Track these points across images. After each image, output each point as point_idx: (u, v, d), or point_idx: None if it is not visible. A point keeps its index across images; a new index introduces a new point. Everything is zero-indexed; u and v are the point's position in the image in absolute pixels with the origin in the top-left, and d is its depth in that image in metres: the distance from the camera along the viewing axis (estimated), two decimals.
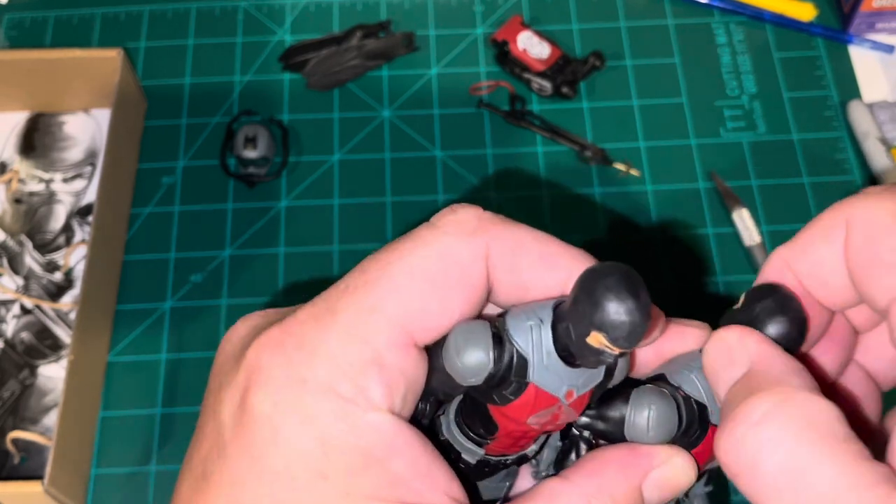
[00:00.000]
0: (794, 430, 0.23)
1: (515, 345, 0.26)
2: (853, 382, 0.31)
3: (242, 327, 0.29)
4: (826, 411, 0.23)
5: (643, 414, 0.28)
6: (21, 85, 0.70)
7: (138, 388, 0.62)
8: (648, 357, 0.30)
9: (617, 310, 0.24)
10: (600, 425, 0.29)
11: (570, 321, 0.25)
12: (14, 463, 0.60)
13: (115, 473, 0.60)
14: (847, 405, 0.30)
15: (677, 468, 0.28)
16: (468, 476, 0.30)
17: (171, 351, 0.63)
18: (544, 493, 0.27)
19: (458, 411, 0.29)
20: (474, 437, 0.29)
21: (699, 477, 0.30)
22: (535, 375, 0.26)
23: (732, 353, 0.26)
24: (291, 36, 0.76)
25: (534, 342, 0.26)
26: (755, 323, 0.27)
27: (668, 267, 0.66)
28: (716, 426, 0.28)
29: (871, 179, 0.68)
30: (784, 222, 0.67)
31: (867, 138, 0.69)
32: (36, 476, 0.56)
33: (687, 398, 0.28)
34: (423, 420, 0.29)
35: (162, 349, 0.63)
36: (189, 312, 0.65)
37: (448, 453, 0.29)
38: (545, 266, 0.27)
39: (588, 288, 0.24)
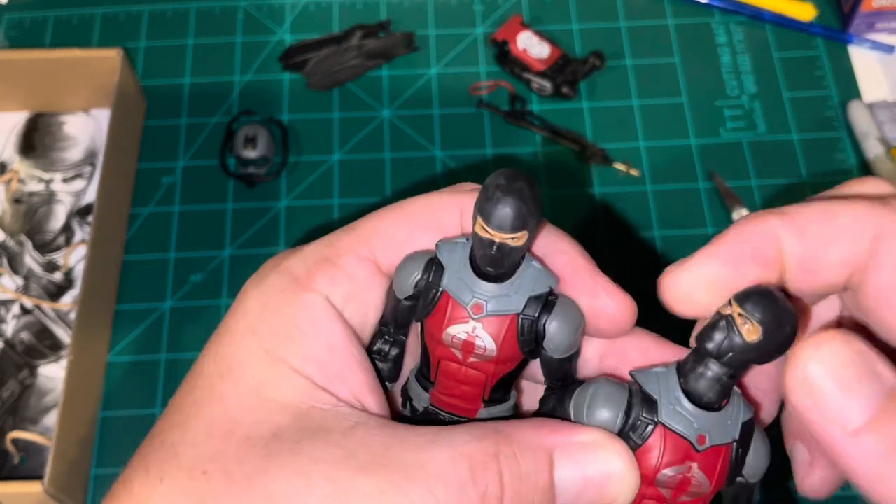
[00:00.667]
0: None
1: (439, 257, 0.29)
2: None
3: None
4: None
5: (585, 393, 0.28)
6: (21, 85, 0.70)
7: (138, 388, 0.62)
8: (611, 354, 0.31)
9: (496, 202, 0.26)
10: (557, 412, 0.29)
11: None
12: (14, 463, 0.60)
13: (114, 474, 0.60)
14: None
15: (607, 454, 0.27)
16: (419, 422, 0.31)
17: (170, 351, 0.63)
18: (461, 425, 0.28)
19: (418, 364, 0.32)
20: (422, 379, 0.31)
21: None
22: (448, 283, 0.29)
23: (869, 364, 0.25)
24: (291, 36, 0.76)
25: (457, 257, 0.29)
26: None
27: (667, 267, 0.66)
28: (665, 425, 0.27)
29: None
30: None
31: (867, 138, 0.69)
32: (36, 476, 0.56)
33: (638, 389, 0.28)
34: (387, 362, 0.32)
35: (162, 349, 0.63)
36: (189, 312, 0.65)
37: (406, 401, 0.32)
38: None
39: (483, 189, 0.27)
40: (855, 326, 0.32)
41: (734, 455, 0.27)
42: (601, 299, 0.30)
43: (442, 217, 0.31)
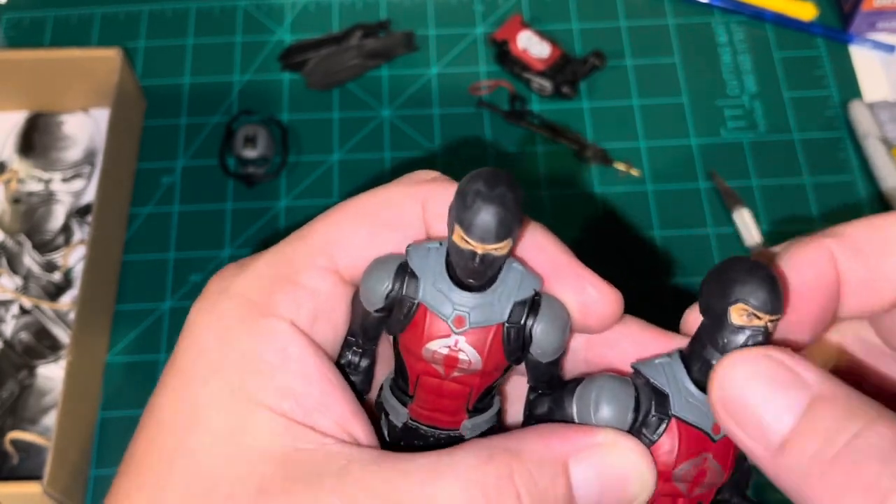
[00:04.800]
0: None
1: (411, 266, 0.27)
2: None
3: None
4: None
5: (590, 394, 0.27)
6: (20, 85, 0.70)
7: (137, 388, 0.62)
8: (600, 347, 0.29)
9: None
10: (556, 415, 0.28)
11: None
12: (13, 463, 0.60)
13: (114, 474, 0.59)
14: None
15: (622, 453, 0.26)
16: (399, 441, 0.29)
17: (169, 351, 0.63)
18: (460, 446, 0.26)
19: (392, 374, 0.29)
20: (398, 393, 0.29)
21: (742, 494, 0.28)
22: (425, 295, 0.27)
23: (791, 372, 0.24)
24: (291, 35, 0.76)
25: (430, 264, 0.27)
26: (722, 288, 0.25)
27: (668, 267, 0.65)
28: (679, 418, 0.26)
29: (872, 179, 0.68)
30: (785, 222, 0.67)
31: (868, 138, 0.69)
32: (35, 476, 0.56)
33: (647, 383, 0.26)
34: (358, 375, 0.30)
35: (161, 349, 0.63)
36: (188, 313, 0.64)
37: (382, 414, 0.30)
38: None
39: (459, 192, 0.25)
40: (849, 369, 0.31)
41: None
42: (588, 294, 0.28)
43: (403, 213, 0.28)
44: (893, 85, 0.73)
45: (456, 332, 0.26)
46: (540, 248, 0.28)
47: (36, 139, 0.71)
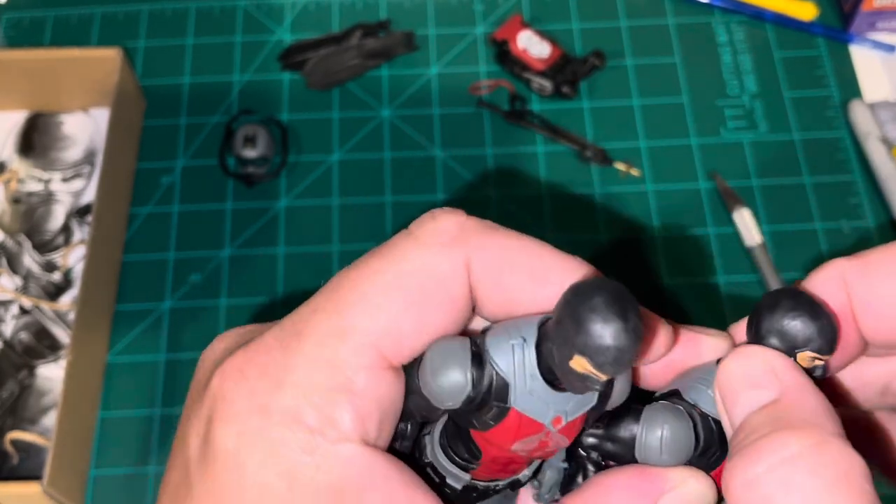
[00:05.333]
0: (826, 480, 0.20)
1: (495, 367, 0.23)
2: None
3: (218, 347, 0.27)
4: (859, 466, 0.21)
5: (656, 434, 0.25)
6: (20, 84, 0.70)
7: (137, 388, 0.62)
8: (659, 369, 0.27)
9: (601, 333, 0.21)
10: (609, 446, 0.27)
11: (553, 342, 0.23)
12: (13, 463, 0.59)
13: (113, 474, 0.59)
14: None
15: (693, 492, 0.25)
16: (455, 501, 0.28)
17: (170, 351, 0.63)
18: None
19: (442, 433, 0.27)
20: (459, 461, 0.27)
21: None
22: (517, 401, 0.23)
23: (758, 376, 0.23)
24: (291, 35, 0.76)
25: (516, 364, 0.23)
26: (781, 332, 0.24)
27: (668, 267, 0.65)
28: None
29: (872, 179, 0.68)
30: (785, 222, 0.67)
31: (868, 138, 0.69)
32: (35, 477, 0.56)
33: (704, 416, 0.26)
34: (405, 441, 0.27)
35: (161, 349, 0.63)
36: (188, 313, 0.65)
37: (432, 477, 0.27)
38: (534, 281, 0.25)
39: (571, 308, 0.22)
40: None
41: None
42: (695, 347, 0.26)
43: (447, 283, 0.25)
44: (894, 85, 0.73)
45: (553, 429, 0.24)
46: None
47: (36, 139, 0.71)
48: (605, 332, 0.21)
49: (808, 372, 0.24)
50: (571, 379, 0.22)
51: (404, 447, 0.27)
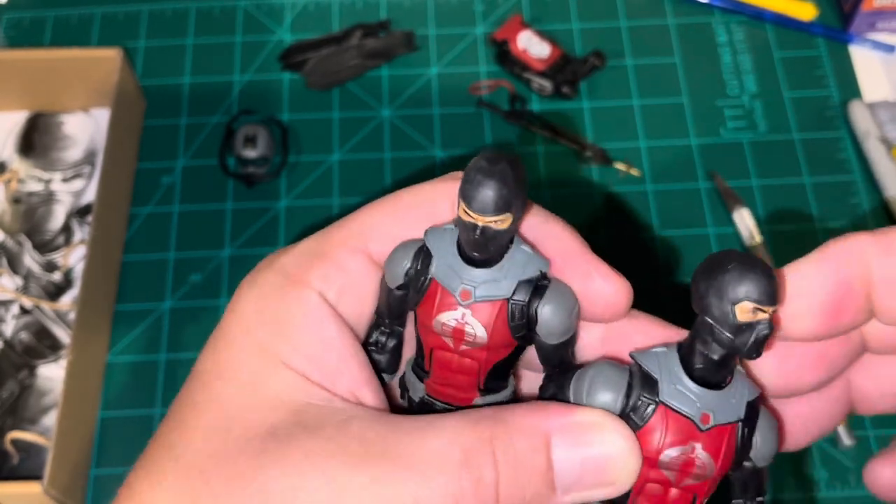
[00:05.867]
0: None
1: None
2: (830, 390, 0.30)
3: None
4: None
5: (585, 377, 0.28)
6: (20, 85, 0.70)
7: (137, 388, 0.62)
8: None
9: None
10: (558, 398, 0.29)
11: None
12: (13, 463, 0.60)
13: (114, 474, 0.59)
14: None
15: (607, 434, 0.26)
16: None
17: (170, 351, 0.63)
18: (455, 412, 0.28)
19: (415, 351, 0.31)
20: (417, 369, 0.31)
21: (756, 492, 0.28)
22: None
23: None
24: (291, 35, 0.76)
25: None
26: (718, 287, 0.25)
27: (668, 267, 0.65)
28: (667, 405, 0.26)
29: (871, 179, 0.68)
30: (785, 222, 0.67)
31: (868, 138, 0.69)
32: (35, 476, 0.56)
33: (640, 369, 0.27)
34: (384, 352, 0.32)
35: (161, 349, 0.63)
36: (188, 312, 0.65)
37: (403, 392, 0.32)
38: None
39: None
40: None
41: (740, 435, 0.26)
42: (595, 282, 0.29)
43: (435, 207, 0.30)
44: (893, 85, 0.73)
45: (462, 304, 0.28)
46: (552, 235, 0.30)
47: (36, 139, 0.71)
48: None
49: (752, 326, 0.25)
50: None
51: (385, 360, 0.32)
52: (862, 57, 0.74)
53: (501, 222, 0.26)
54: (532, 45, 0.73)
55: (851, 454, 0.59)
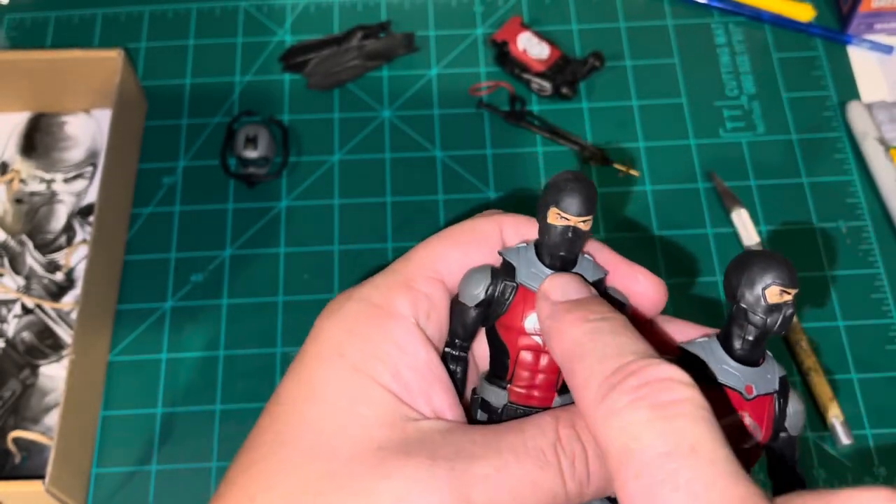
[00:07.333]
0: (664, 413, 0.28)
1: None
2: None
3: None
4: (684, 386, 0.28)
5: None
6: (22, 85, 0.70)
7: (139, 387, 0.62)
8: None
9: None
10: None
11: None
12: (15, 462, 0.60)
13: (115, 473, 0.60)
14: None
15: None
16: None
17: (171, 351, 0.64)
18: (549, 411, 0.31)
19: (487, 373, 0.34)
20: (496, 381, 0.33)
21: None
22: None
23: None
24: (292, 36, 0.76)
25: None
26: (750, 278, 0.30)
27: (666, 267, 0.66)
28: (725, 385, 0.30)
29: (870, 180, 0.69)
30: (783, 222, 0.67)
31: (866, 139, 0.69)
32: (37, 475, 0.57)
33: (685, 355, 0.32)
34: (454, 380, 0.34)
35: (162, 349, 0.64)
36: (189, 312, 0.65)
37: (479, 407, 0.34)
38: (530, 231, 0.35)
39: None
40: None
41: (777, 405, 0.31)
42: (640, 283, 0.34)
43: (486, 236, 0.34)
44: (891, 85, 0.73)
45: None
46: (596, 249, 0.34)
47: (38, 140, 0.71)
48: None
49: (779, 307, 0.29)
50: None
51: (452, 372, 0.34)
52: (860, 58, 0.75)
53: (587, 223, 0.31)
54: (531, 47, 0.73)
55: (849, 453, 0.60)
